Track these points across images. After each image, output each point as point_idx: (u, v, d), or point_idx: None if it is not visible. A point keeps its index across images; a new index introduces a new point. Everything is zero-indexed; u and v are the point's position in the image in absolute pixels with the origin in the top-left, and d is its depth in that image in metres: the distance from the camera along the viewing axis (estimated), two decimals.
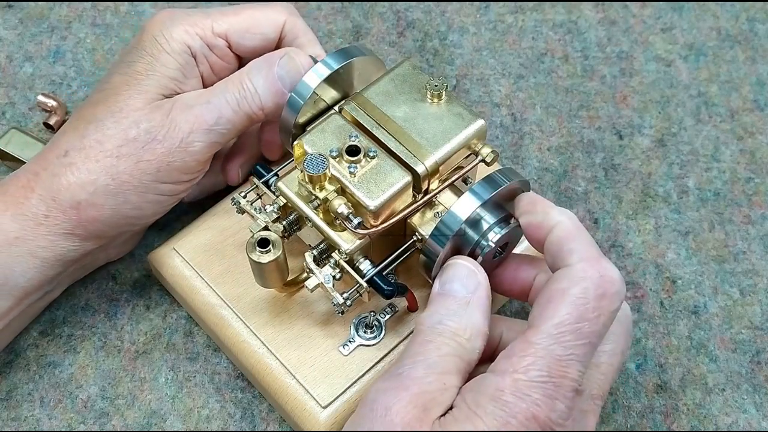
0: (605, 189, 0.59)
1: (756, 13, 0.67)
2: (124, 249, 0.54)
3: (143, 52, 0.49)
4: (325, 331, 0.49)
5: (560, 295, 0.39)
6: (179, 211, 0.57)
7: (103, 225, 0.48)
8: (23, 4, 0.68)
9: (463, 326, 0.41)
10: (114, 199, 0.47)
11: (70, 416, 0.50)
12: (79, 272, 0.53)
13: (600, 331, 0.39)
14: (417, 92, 0.48)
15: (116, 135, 0.47)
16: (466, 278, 0.42)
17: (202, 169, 0.50)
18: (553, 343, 0.38)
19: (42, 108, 0.62)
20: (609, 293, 0.39)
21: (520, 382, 0.37)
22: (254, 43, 0.51)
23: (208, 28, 0.50)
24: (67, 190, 0.46)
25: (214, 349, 0.53)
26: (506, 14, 0.68)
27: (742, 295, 0.55)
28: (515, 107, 0.63)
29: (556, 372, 0.37)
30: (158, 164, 0.47)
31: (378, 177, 0.45)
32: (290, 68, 0.49)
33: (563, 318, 0.38)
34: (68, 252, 0.48)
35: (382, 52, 0.65)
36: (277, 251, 0.45)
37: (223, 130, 0.48)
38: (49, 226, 0.47)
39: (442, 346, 0.40)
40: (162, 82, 0.48)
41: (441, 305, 0.42)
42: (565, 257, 0.40)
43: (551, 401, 0.37)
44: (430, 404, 0.38)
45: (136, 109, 0.47)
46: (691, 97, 0.63)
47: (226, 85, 0.49)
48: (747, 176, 0.59)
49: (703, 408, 0.51)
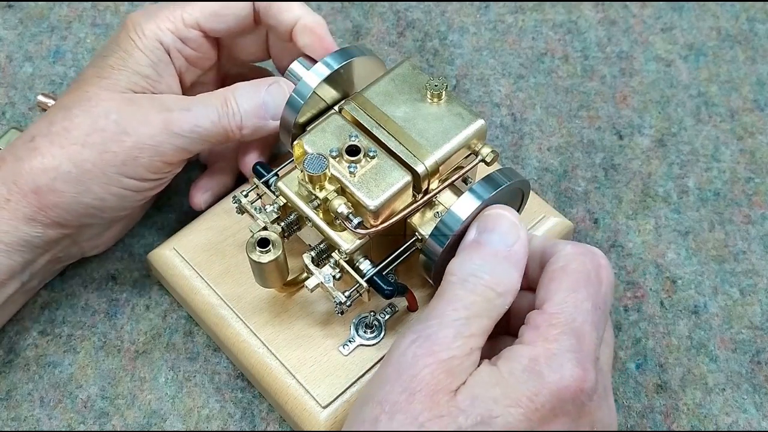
0: (605, 189, 0.59)
1: (756, 13, 0.67)
2: (98, 244, 0.54)
3: (117, 47, 0.49)
4: (325, 331, 0.49)
5: (561, 271, 0.40)
6: (179, 211, 0.58)
7: (63, 212, 0.47)
8: (23, 4, 0.68)
9: (496, 281, 0.40)
10: (75, 187, 0.47)
11: (70, 416, 0.50)
12: (55, 265, 0.52)
13: (606, 299, 0.40)
14: (417, 92, 0.48)
15: (84, 123, 0.47)
16: (507, 231, 0.41)
17: (171, 171, 0.50)
18: (572, 310, 0.39)
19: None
20: (603, 264, 0.41)
21: (552, 351, 0.38)
22: (228, 25, 0.51)
23: (179, 20, 0.50)
24: (29, 174, 0.46)
25: (214, 349, 0.53)
26: (506, 14, 0.68)
27: (742, 295, 0.55)
28: (515, 107, 0.63)
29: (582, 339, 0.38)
30: (124, 157, 0.47)
31: (378, 177, 0.45)
32: (277, 96, 0.49)
33: (572, 286, 0.39)
34: (31, 238, 0.47)
35: (382, 52, 0.65)
36: (277, 251, 0.45)
37: (196, 138, 0.48)
38: (10, 210, 0.46)
39: (472, 305, 0.39)
40: (133, 79, 0.48)
41: (476, 255, 0.41)
42: (551, 248, 0.42)
43: (582, 371, 0.37)
44: (456, 369, 0.38)
45: (105, 99, 0.47)
46: (691, 97, 0.63)
47: (210, 98, 0.49)
48: (747, 176, 0.59)
49: (703, 408, 0.51)
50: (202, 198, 0.54)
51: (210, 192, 0.54)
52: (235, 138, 0.49)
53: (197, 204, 0.54)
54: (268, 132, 0.50)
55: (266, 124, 0.49)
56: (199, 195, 0.54)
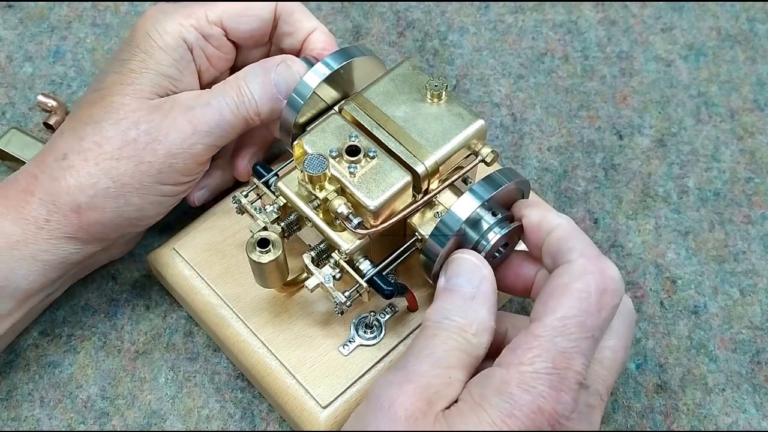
0: (605, 189, 0.59)
1: (756, 13, 0.67)
2: (126, 248, 0.54)
3: (137, 49, 0.48)
4: (325, 331, 0.49)
5: (563, 289, 0.39)
6: (179, 211, 0.57)
7: (104, 227, 0.47)
8: (23, 4, 0.68)
9: (469, 321, 0.40)
10: (115, 202, 0.47)
11: (70, 416, 0.50)
12: (81, 272, 0.53)
13: (602, 325, 0.39)
14: (417, 92, 0.48)
15: (115, 137, 0.47)
16: (470, 272, 0.42)
17: (202, 170, 0.50)
18: (558, 335, 0.38)
19: (42, 108, 0.62)
20: (609, 289, 0.39)
21: (525, 374, 0.37)
22: (250, 26, 0.51)
23: (202, 17, 0.49)
24: (67, 193, 0.46)
25: (214, 349, 0.53)
26: (506, 14, 0.68)
27: (742, 295, 0.55)
28: (515, 107, 0.63)
29: (561, 364, 0.37)
30: (159, 165, 0.47)
31: (378, 177, 0.45)
32: (286, 75, 0.49)
33: (567, 311, 0.38)
34: (70, 255, 0.47)
35: (382, 52, 0.65)
36: (277, 251, 0.45)
37: (222, 132, 0.48)
38: (51, 230, 0.46)
39: (448, 341, 0.40)
40: (156, 80, 0.48)
41: (446, 300, 0.41)
42: (565, 255, 0.41)
43: (557, 393, 0.37)
44: (434, 398, 0.38)
45: (133, 109, 0.47)
46: (691, 97, 0.63)
47: (225, 88, 0.48)
48: (747, 176, 0.59)
49: (703, 408, 0.51)
50: (197, 194, 0.54)
51: (206, 189, 0.54)
52: (255, 124, 0.49)
53: (191, 200, 0.53)
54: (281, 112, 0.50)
55: (281, 104, 0.49)
56: (194, 191, 0.54)
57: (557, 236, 0.41)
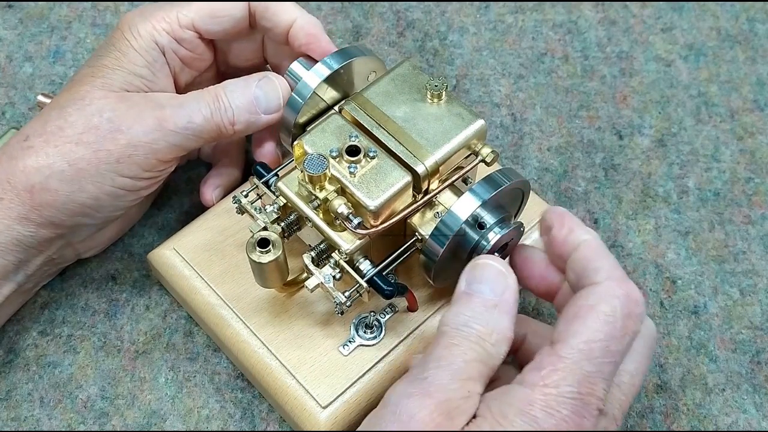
0: (605, 189, 0.59)
1: (756, 13, 0.67)
2: (93, 245, 0.54)
3: (112, 47, 0.49)
4: (325, 331, 0.49)
5: (588, 311, 0.39)
6: (179, 211, 0.58)
7: (57, 211, 0.47)
8: (23, 4, 0.68)
9: (489, 330, 0.40)
10: (69, 186, 0.47)
11: (70, 416, 0.50)
12: (50, 267, 0.52)
13: (624, 350, 0.39)
14: (417, 92, 0.48)
15: (78, 122, 0.47)
16: (494, 280, 0.41)
17: (165, 170, 0.50)
18: (584, 359, 0.37)
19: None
20: (634, 314, 0.39)
21: (550, 397, 0.37)
22: (223, 27, 0.51)
23: (174, 21, 0.50)
24: (22, 172, 0.46)
25: (214, 349, 0.53)
26: (506, 14, 0.68)
27: (742, 295, 0.55)
28: (515, 107, 0.63)
29: (585, 389, 0.37)
30: (118, 155, 0.47)
31: (378, 177, 0.45)
32: (268, 90, 0.49)
33: (593, 335, 0.38)
34: (24, 237, 0.47)
35: (382, 52, 0.65)
36: (277, 251, 0.45)
37: (190, 135, 0.48)
38: (3, 209, 0.46)
39: (468, 351, 0.39)
40: (127, 78, 0.48)
41: (467, 306, 0.41)
42: (591, 275, 0.40)
43: (579, 419, 0.37)
44: (454, 412, 0.37)
45: (99, 98, 0.47)
46: (691, 97, 0.63)
47: (201, 95, 0.49)
48: (747, 176, 0.59)
49: (703, 408, 0.51)
50: (214, 194, 0.54)
51: (221, 187, 0.55)
52: (228, 134, 0.49)
53: (209, 200, 0.54)
54: (260, 127, 0.50)
55: (258, 118, 0.49)
56: (209, 191, 0.54)
57: (583, 254, 0.41)
